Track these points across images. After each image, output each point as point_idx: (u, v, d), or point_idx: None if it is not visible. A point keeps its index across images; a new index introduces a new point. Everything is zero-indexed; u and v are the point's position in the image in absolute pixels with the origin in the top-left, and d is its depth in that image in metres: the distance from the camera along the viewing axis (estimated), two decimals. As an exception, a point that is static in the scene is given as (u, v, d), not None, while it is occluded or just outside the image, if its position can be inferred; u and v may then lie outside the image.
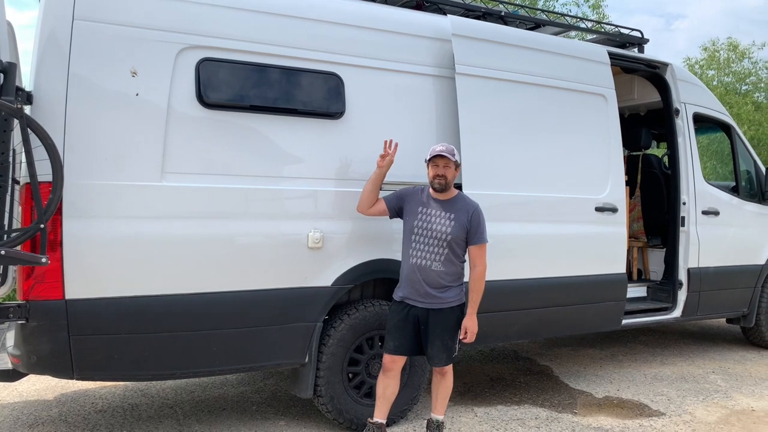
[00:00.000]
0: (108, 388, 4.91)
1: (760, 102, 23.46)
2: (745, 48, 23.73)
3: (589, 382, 5.33)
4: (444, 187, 3.67)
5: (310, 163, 3.85)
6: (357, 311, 4.02)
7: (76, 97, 3.25)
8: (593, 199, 4.95)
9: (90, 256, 3.27)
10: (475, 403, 4.73)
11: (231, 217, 3.60)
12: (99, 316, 3.29)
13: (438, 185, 3.67)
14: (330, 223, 3.87)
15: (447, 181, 3.66)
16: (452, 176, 3.68)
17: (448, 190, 3.71)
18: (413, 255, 3.70)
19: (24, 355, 3.28)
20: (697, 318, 6.00)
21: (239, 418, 4.33)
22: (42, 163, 3.06)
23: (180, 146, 3.49)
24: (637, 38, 5.77)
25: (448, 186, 3.69)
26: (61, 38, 3.25)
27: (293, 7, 3.86)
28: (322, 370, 3.88)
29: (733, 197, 6.11)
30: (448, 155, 3.62)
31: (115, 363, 3.37)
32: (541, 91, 4.74)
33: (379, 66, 4.11)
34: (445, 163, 3.65)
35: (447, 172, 3.65)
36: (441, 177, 3.65)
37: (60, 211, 3.19)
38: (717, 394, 5.07)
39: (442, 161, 3.65)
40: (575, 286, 4.84)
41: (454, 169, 3.68)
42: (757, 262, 6.25)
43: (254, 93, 3.69)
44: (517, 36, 4.73)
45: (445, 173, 3.65)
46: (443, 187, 3.67)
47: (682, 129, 5.69)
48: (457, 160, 3.68)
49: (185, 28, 3.53)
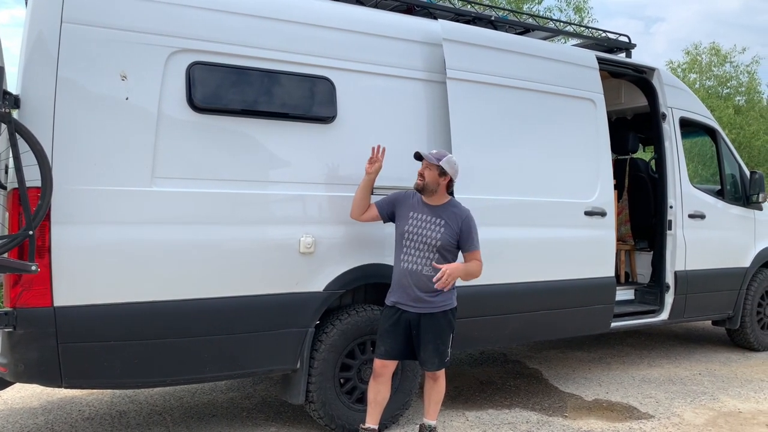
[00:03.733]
0: (95, 395, 4.84)
1: (741, 105, 23.81)
2: (727, 52, 24.08)
3: (579, 385, 5.36)
4: (421, 189, 3.69)
5: (302, 168, 3.83)
6: (349, 316, 4.00)
7: (64, 101, 3.20)
8: (582, 203, 4.98)
9: (79, 262, 3.22)
10: (466, 407, 4.73)
11: (222, 223, 3.57)
12: (88, 324, 3.24)
13: (416, 185, 3.70)
14: (322, 227, 3.85)
15: (425, 181, 3.67)
16: (432, 179, 3.67)
17: (427, 192, 3.70)
18: (404, 260, 3.69)
19: (11, 364, 3.22)
20: (684, 320, 6.06)
21: (229, 424, 4.30)
22: (30, 169, 3.02)
23: (170, 151, 3.45)
24: (625, 43, 5.82)
25: (426, 188, 3.69)
26: (49, 41, 3.20)
27: (285, 11, 3.84)
28: (314, 376, 3.86)
29: (718, 201, 6.18)
30: (426, 156, 3.65)
31: (104, 371, 3.32)
32: (530, 96, 4.76)
33: (370, 70, 4.11)
34: (427, 165, 3.67)
35: (426, 172, 3.67)
36: (420, 176, 3.69)
37: (48, 216, 3.13)
38: (704, 396, 5.12)
39: (424, 162, 3.69)
40: (565, 290, 4.86)
41: (437, 173, 3.66)
42: (742, 265, 6.32)
43: (246, 97, 3.66)
44: (507, 41, 4.75)
45: (423, 172, 3.68)
46: (420, 188, 3.69)
47: (669, 133, 5.75)
48: (443, 166, 3.64)
49: (175, 31, 3.49)
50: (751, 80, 24.11)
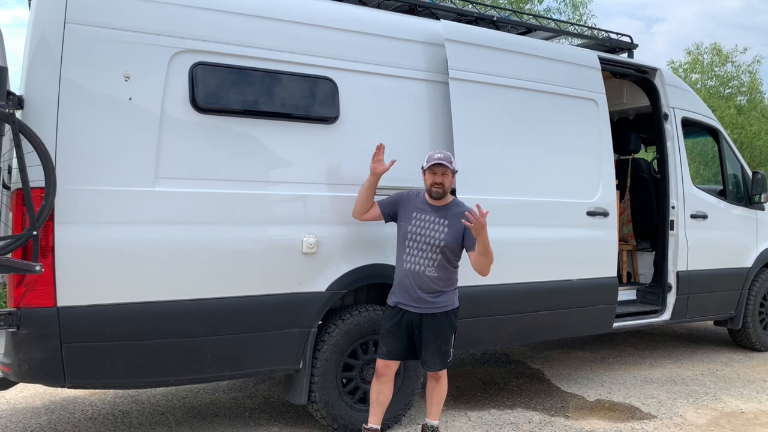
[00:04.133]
0: (98, 395, 4.85)
1: (743, 105, 23.77)
2: (729, 52, 24.04)
3: (581, 385, 5.36)
4: (441, 195, 3.68)
5: (304, 168, 3.83)
6: (351, 316, 4.00)
7: (68, 101, 3.21)
8: (585, 203, 4.98)
9: (82, 262, 3.22)
10: (468, 407, 4.73)
11: (225, 223, 3.57)
12: (91, 324, 3.25)
13: (435, 193, 3.66)
14: (324, 228, 3.85)
15: (444, 189, 3.66)
16: (449, 184, 3.69)
17: (442, 197, 3.71)
18: (407, 260, 3.69)
19: (15, 364, 3.23)
20: (686, 320, 6.05)
21: (232, 424, 4.30)
22: (34, 169, 3.02)
23: (173, 151, 3.45)
24: (627, 43, 5.82)
25: (446, 193, 3.69)
26: (52, 42, 3.21)
27: (287, 11, 3.84)
28: (317, 376, 3.86)
29: (720, 201, 6.18)
30: (446, 163, 3.62)
31: (107, 371, 3.33)
32: (533, 96, 4.76)
33: (372, 70, 4.10)
34: (443, 171, 3.65)
35: (445, 180, 3.65)
36: (439, 185, 3.65)
37: (52, 217, 3.14)
38: (706, 397, 5.12)
39: (440, 169, 3.65)
40: (567, 290, 4.86)
41: (451, 176, 3.68)
42: (744, 265, 6.32)
43: (248, 97, 3.66)
44: (509, 41, 4.75)
45: (443, 181, 3.65)
46: (440, 195, 3.67)
47: (671, 133, 5.74)
48: (455, 167, 3.68)
49: (179, 32, 3.50)
50: (752, 80, 24.06)
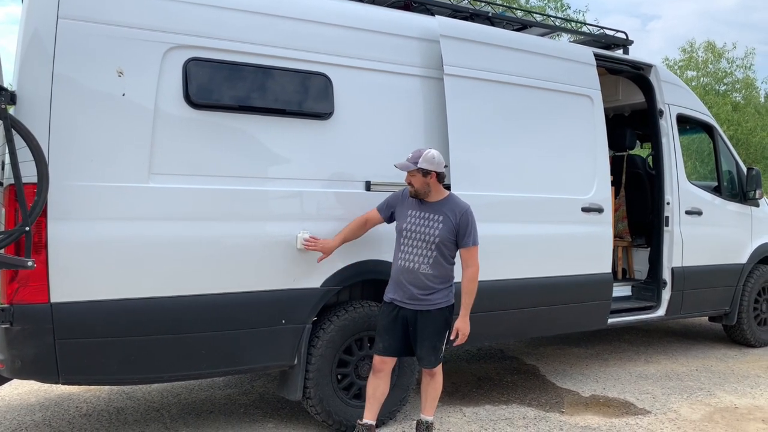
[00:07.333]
0: (92, 392, 4.84)
1: (738, 102, 23.85)
2: (722, 49, 24.12)
3: (576, 380, 5.37)
4: (415, 194, 3.69)
5: (299, 164, 3.83)
6: (346, 312, 4.00)
7: (61, 97, 3.19)
8: (580, 200, 4.98)
9: (75, 258, 3.22)
10: (463, 403, 4.74)
11: (219, 219, 3.56)
12: (85, 320, 3.24)
13: (410, 193, 3.72)
14: (319, 224, 3.85)
15: (416, 188, 3.67)
16: (419, 183, 3.65)
17: (422, 195, 3.69)
18: (401, 257, 3.70)
19: (8, 360, 3.22)
20: (681, 316, 6.08)
21: (227, 420, 4.30)
22: (26, 165, 3.01)
23: (167, 147, 3.44)
24: (622, 39, 5.82)
25: (419, 193, 3.68)
26: (45, 37, 3.19)
27: (281, 7, 3.83)
28: (311, 372, 3.86)
29: (715, 197, 6.19)
30: (402, 166, 3.64)
31: (101, 367, 3.33)
32: (528, 92, 4.76)
33: (367, 66, 4.10)
34: (411, 173, 3.66)
35: (413, 180, 3.66)
36: (409, 185, 3.69)
37: (45, 213, 3.13)
38: (701, 392, 5.14)
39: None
40: (562, 286, 4.87)
41: (421, 176, 3.63)
42: (738, 261, 6.34)
43: (243, 93, 3.65)
44: (504, 37, 4.75)
45: (410, 181, 3.67)
46: (415, 195, 3.70)
47: (666, 130, 5.75)
48: (422, 167, 3.59)
49: (172, 27, 3.48)
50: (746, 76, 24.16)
